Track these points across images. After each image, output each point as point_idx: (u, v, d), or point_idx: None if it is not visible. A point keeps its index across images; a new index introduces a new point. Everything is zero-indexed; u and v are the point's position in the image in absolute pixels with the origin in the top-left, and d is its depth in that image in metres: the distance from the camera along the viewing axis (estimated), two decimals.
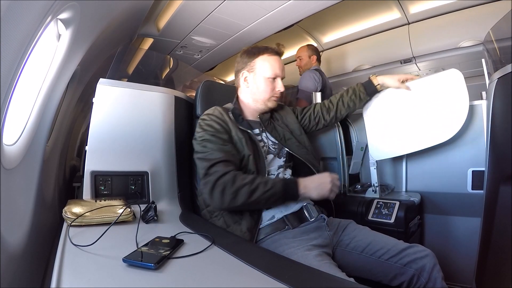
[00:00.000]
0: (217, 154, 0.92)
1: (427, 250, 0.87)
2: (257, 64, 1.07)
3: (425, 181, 1.38)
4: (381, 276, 0.89)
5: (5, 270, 0.64)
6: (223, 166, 0.90)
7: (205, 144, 0.96)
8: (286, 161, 1.09)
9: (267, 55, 1.07)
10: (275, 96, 1.09)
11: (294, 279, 0.54)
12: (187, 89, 2.88)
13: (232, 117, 1.05)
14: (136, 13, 1.79)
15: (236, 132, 1.00)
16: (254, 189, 0.87)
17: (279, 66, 1.07)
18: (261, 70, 1.06)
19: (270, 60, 1.06)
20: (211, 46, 2.61)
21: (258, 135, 1.08)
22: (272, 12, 2.00)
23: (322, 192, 0.91)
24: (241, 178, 0.88)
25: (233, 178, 0.88)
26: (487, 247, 1.03)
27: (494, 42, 1.38)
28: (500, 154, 1.03)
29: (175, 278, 0.54)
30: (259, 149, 1.02)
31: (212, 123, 0.99)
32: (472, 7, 2.25)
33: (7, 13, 0.49)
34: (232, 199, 0.86)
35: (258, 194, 0.87)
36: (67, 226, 0.81)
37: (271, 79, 1.06)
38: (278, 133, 1.13)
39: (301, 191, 0.91)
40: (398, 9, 2.45)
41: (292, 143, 1.12)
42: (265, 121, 1.12)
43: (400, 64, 2.76)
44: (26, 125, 0.88)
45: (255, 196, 0.87)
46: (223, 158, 0.91)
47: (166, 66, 2.83)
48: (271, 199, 0.90)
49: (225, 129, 0.99)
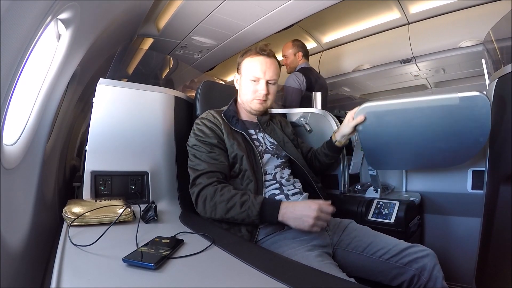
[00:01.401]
0: (202, 165, 0.94)
1: (428, 249, 0.87)
2: (243, 66, 1.08)
3: (425, 181, 1.38)
4: (382, 276, 0.89)
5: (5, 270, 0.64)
6: (206, 178, 0.92)
7: (193, 152, 0.99)
8: (284, 162, 1.09)
9: (250, 57, 1.06)
10: (257, 99, 1.06)
11: (294, 279, 0.54)
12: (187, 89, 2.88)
13: (224, 119, 1.05)
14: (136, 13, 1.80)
15: (229, 134, 1.01)
16: (229, 208, 0.87)
17: (261, 67, 1.03)
18: (245, 71, 1.07)
19: (252, 61, 1.05)
20: (211, 46, 2.61)
21: (253, 135, 1.09)
22: (272, 12, 2.00)
23: (301, 226, 0.82)
24: (220, 193, 0.89)
25: (213, 192, 0.89)
26: (487, 247, 1.03)
27: (494, 42, 1.38)
28: (500, 154, 1.03)
29: (175, 278, 0.54)
30: (254, 149, 1.02)
31: (203, 128, 1.01)
32: (472, 7, 2.25)
33: (7, 13, 0.49)
34: (211, 211, 0.90)
35: (233, 213, 0.87)
36: (67, 226, 0.80)
37: (252, 81, 1.04)
38: (277, 135, 1.15)
39: (279, 218, 0.85)
40: (398, 9, 2.45)
41: (291, 147, 1.14)
42: (263, 122, 1.13)
43: (400, 64, 2.77)
44: (26, 125, 0.88)
45: (230, 214, 0.87)
46: (207, 169, 0.93)
47: (166, 66, 2.83)
48: (245, 220, 0.87)
49: (215, 133, 1.00)
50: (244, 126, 1.08)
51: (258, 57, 1.05)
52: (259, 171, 0.99)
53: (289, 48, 2.16)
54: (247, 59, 1.07)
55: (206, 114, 1.07)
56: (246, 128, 1.07)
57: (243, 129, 1.05)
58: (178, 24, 2.21)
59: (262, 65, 1.04)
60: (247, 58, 1.07)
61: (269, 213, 0.85)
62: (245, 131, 1.05)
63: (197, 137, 1.00)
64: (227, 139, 1.00)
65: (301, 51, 2.15)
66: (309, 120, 1.49)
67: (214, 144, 0.98)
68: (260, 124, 1.12)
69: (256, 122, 1.13)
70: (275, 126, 1.17)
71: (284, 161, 1.09)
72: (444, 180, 1.32)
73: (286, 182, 1.04)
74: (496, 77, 1.05)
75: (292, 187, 1.05)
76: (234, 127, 1.04)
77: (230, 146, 0.99)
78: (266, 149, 1.07)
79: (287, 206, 0.86)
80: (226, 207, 0.87)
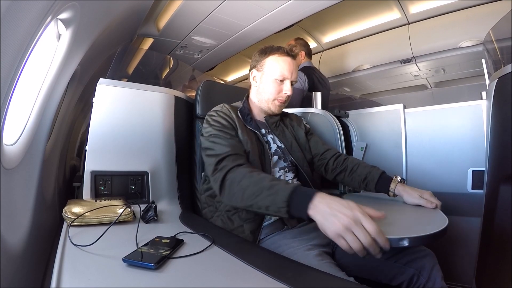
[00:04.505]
0: (225, 149, 0.88)
1: (427, 249, 0.87)
2: (266, 64, 1.05)
3: (425, 181, 1.38)
4: (381, 276, 0.89)
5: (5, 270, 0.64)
6: (232, 160, 0.85)
7: (213, 139, 0.93)
8: (289, 165, 1.09)
9: (277, 55, 1.04)
10: (280, 99, 1.06)
11: (294, 279, 0.54)
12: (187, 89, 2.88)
13: (240, 116, 1.04)
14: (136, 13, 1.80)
15: (242, 131, 0.99)
16: (256, 192, 0.75)
17: (288, 68, 1.03)
18: (270, 70, 1.04)
19: (280, 61, 1.03)
20: (211, 46, 2.61)
21: (264, 136, 1.07)
22: (272, 12, 2.00)
23: (329, 225, 0.60)
24: (250, 175, 0.78)
25: (242, 174, 0.80)
26: (487, 247, 1.04)
27: (494, 42, 1.38)
28: (500, 154, 1.03)
29: (175, 278, 0.54)
30: (265, 150, 1.01)
31: (219, 119, 0.99)
32: (472, 7, 2.25)
33: (7, 13, 0.49)
34: (240, 196, 0.78)
35: (259, 199, 0.74)
36: (67, 226, 0.80)
37: (278, 80, 1.03)
38: (286, 139, 1.11)
39: (309, 210, 0.65)
40: (398, 9, 2.45)
41: (298, 152, 1.10)
42: (271, 123, 1.11)
43: (400, 64, 2.77)
44: (26, 125, 0.88)
45: (256, 200, 0.74)
46: (231, 152, 0.88)
47: (166, 66, 2.83)
48: (270, 208, 0.72)
49: (232, 125, 0.98)
50: (256, 126, 1.06)
51: (286, 58, 1.04)
52: (268, 172, 0.98)
53: (291, 47, 2.13)
54: (273, 57, 1.04)
55: (220, 107, 1.04)
56: (258, 128, 1.06)
57: (256, 128, 1.04)
58: (178, 24, 2.21)
59: (290, 66, 1.03)
60: (272, 56, 1.04)
61: (300, 201, 0.67)
62: (258, 130, 1.03)
63: (215, 127, 0.96)
64: (241, 136, 0.98)
65: (304, 50, 2.13)
66: (309, 120, 1.50)
67: (232, 134, 0.96)
68: (268, 124, 1.11)
69: (265, 122, 1.11)
70: (284, 128, 1.14)
71: (289, 165, 1.09)
72: (444, 180, 1.32)
73: None
74: (496, 77, 1.06)
75: None
76: (248, 125, 1.03)
77: (244, 143, 0.97)
78: (275, 151, 1.07)
79: (323, 197, 0.66)
80: (253, 191, 0.74)
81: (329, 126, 1.43)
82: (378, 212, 0.60)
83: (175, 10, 2.02)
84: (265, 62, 1.05)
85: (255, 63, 1.08)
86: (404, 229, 0.68)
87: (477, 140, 1.22)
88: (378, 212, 0.61)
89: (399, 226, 0.71)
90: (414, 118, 1.42)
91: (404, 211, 0.87)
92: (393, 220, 0.73)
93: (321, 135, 1.47)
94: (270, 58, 1.04)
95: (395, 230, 0.65)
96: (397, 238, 0.56)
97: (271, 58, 1.04)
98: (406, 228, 0.70)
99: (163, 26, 2.25)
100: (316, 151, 1.17)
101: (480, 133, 1.21)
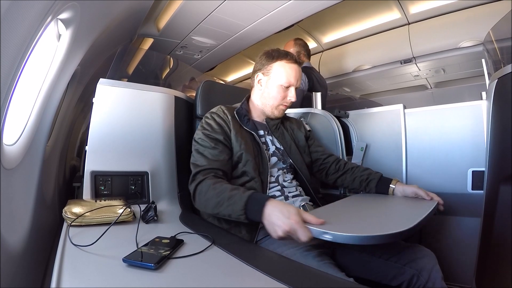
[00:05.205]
0: (203, 162, 0.93)
1: (427, 250, 0.88)
2: (273, 69, 1.05)
3: (425, 181, 1.38)
4: (381, 276, 0.89)
5: (5, 270, 0.64)
6: (204, 174, 0.90)
7: (197, 147, 0.98)
8: (288, 167, 1.09)
9: (285, 62, 1.04)
10: (284, 105, 1.07)
11: (294, 279, 0.54)
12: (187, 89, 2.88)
13: (236, 116, 1.04)
14: (136, 13, 1.80)
15: (237, 132, 1.00)
16: (218, 203, 0.82)
17: (295, 75, 1.04)
18: (276, 75, 1.04)
19: (287, 68, 1.04)
20: (211, 46, 2.61)
21: (262, 137, 1.08)
22: (272, 12, 2.00)
23: (271, 232, 0.71)
24: (213, 187, 0.85)
25: (207, 186, 0.86)
26: (487, 247, 1.04)
27: (494, 42, 1.38)
28: (500, 154, 1.03)
29: (175, 278, 0.54)
30: (262, 151, 1.02)
31: (211, 122, 1.00)
32: (472, 7, 2.25)
33: (7, 13, 0.49)
34: (205, 206, 0.87)
35: (221, 208, 0.81)
36: (67, 226, 0.80)
37: (284, 87, 1.04)
38: (286, 141, 1.12)
39: (263, 218, 0.73)
40: (398, 9, 2.45)
41: (296, 154, 1.11)
42: (272, 125, 1.12)
43: (400, 64, 2.77)
44: (26, 125, 0.88)
45: (218, 209, 0.82)
46: (206, 166, 0.91)
47: (166, 66, 2.83)
48: (232, 216, 0.80)
49: (223, 129, 0.99)
50: (254, 127, 1.07)
51: (293, 65, 1.04)
52: (265, 172, 0.98)
53: (291, 47, 2.13)
54: (280, 63, 1.04)
55: (217, 109, 1.06)
56: (256, 129, 1.07)
57: (253, 129, 1.04)
58: (178, 24, 2.21)
59: (296, 73, 1.05)
60: (280, 62, 1.04)
61: (254, 209, 0.75)
62: (255, 131, 1.04)
63: (204, 131, 0.99)
64: (235, 138, 0.99)
65: (303, 50, 2.13)
66: (309, 120, 1.50)
67: (219, 140, 0.97)
68: (269, 126, 1.11)
69: (265, 124, 1.12)
70: (284, 131, 1.15)
71: (288, 167, 1.09)
72: (444, 180, 1.32)
73: (289, 184, 1.04)
74: (496, 77, 1.06)
75: (294, 189, 1.05)
76: (245, 126, 1.03)
77: (237, 145, 0.98)
78: (274, 152, 1.07)
79: (272, 205, 0.73)
80: (215, 202, 0.82)
81: (329, 126, 1.43)
82: (317, 219, 0.68)
83: (175, 10, 2.02)
84: (272, 67, 1.05)
85: (261, 66, 1.07)
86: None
87: (477, 140, 1.22)
88: (318, 219, 0.68)
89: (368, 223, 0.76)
90: (414, 118, 1.42)
91: (393, 207, 0.95)
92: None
93: (321, 135, 1.48)
94: (278, 63, 1.04)
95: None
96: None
97: (279, 63, 1.04)
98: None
99: (163, 26, 2.25)
100: (317, 156, 1.19)
101: (480, 133, 1.21)
